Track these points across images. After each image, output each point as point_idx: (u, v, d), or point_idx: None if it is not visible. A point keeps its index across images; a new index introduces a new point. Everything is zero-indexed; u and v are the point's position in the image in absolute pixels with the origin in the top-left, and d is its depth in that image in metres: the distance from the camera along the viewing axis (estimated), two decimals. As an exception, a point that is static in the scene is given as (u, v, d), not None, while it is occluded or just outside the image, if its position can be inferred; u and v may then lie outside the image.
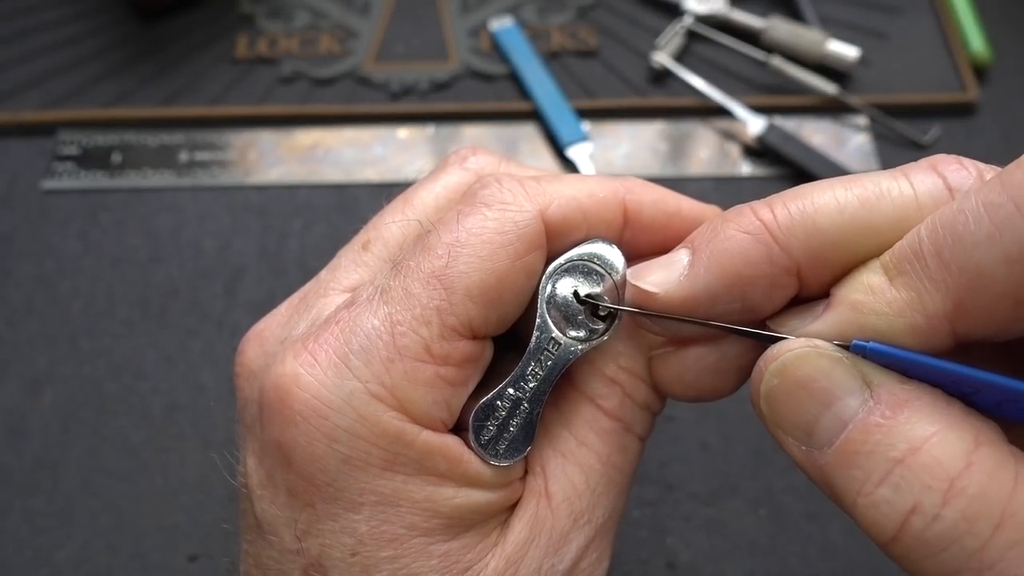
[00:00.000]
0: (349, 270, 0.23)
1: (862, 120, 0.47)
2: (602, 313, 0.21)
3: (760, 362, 0.18)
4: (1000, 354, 0.18)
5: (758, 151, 0.46)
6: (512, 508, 0.21)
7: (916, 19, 0.51)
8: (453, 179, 0.24)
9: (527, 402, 0.21)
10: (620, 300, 0.21)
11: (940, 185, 0.18)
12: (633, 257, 0.22)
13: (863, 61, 0.48)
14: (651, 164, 0.46)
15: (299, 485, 0.20)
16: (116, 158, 0.46)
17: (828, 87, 0.46)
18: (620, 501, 0.22)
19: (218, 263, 0.43)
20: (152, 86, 0.48)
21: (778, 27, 0.48)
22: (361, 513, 0.19)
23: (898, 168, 0.19)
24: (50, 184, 0.45)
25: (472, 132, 0.47)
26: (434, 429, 0.20)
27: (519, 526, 0.21)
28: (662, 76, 0.48)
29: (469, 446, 0.21)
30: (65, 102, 0.48)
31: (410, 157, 0.46)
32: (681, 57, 0.49)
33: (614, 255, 0.21)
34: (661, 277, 0.20)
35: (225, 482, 0.36)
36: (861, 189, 0.18)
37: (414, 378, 0.20)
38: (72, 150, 0.46)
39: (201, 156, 0.46)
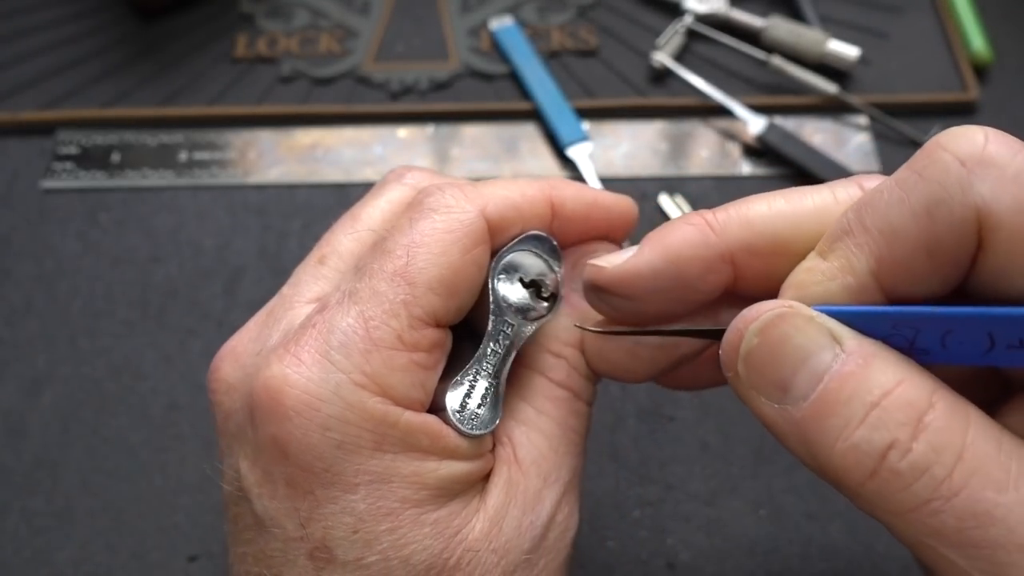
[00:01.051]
0: (310, 284, 0.25)
1: (862, 120, 0.47)
2: (544, 295, 0.24)
3: (737, 325, 0.19)
4: None
5: (758, 151, 0.46)
6: (487, 478, 0.24)
7: (917, 19, 0.51)
8: (395, 195, 0.26)
9: (492, 378, 0.23)
10: (559, 282, 0.24)
11: (857, 190, 0.21)
12: (563, 245, 0.25)
13: (863, 61, 0.48)
14: (651, 164, 0.46)
15: (297, 475, 0.21)
16: (115, 158, 0.46)
17: (828, 87, 0.46)
18: (579, 461, 0.25)
19: (218, 263, 0.43)
20: (151, 86, 0.48)
21: (778, 26, 0.48)
22: (358, 493, 0.21)
23: (825, 184, 0.22)
24: (49, 184, 0.45)
25: (472, 132, 0.47)
26: (414, 410, 0.22)
27: (496, 491, 0.23)
28: (662, 76, 0.48)
29: (447, 422, 0.23)
30: (64, 102, 0.47)
31: (410, 156, 0.46)
32: (681, 57, 0.49)
33: (548, 243, 0.25)
34: (612, 258, 0.22)
35: (225, 482, 0.36)
36: (789, 193, 0.21)
37: (391, 365, 0.22)
38: (71, 150, 0.46)
39: (200, 156, 0.46)
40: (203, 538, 0.35)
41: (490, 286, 0.23)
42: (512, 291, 0.24)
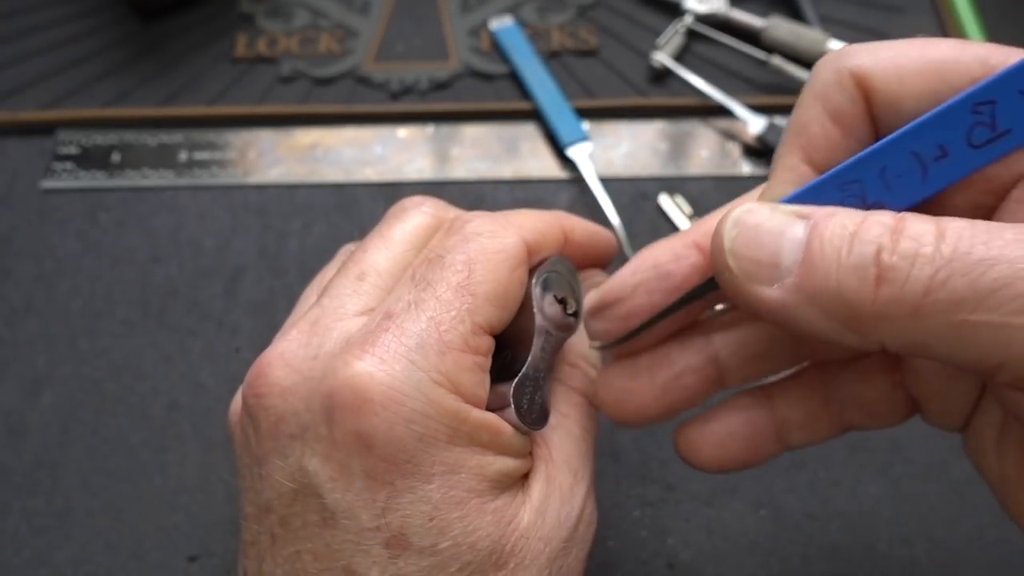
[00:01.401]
0: (352, 298, 0.26)
1: (862, 120, 0.47)
2: (570, 311, 0.27)
3: (714, 232, 0.21)
4: None
5: (759, 150, 0.46)
6: (526, 476, 0.26)
7: (917, 19, 0.51)
8: (419, 220, 0.28)
9: (542, 380, 0.26)
10: (579, 298, 0.27)
11: None
12: (575, 266, 0.29)
13: (863, 61, 0.48)
14: (651, 164, 0.46)
15: (379, 467, 0.23)
16: (115, 158, 0.46)
17: (828, 87, 0.46)
18: (594, 460, 0.28)
19: (218, 263, 0.43)
20: (151, 86, 0.48)
21: (778, 26, 0.48)
22: (433, 483, 0.23)
23: None
24: (49, 184, 0.45)
25: (472, 131, 0.47)
26: (478, 408, 0.24)
27: (537, 486, 0.25)
28: (662, 75, 0.48)
29: (507, 419, 0.25)
30: (64, 102, 0.47)
31: (410, 156, 0.46)
32: (681, 56, 0.49)
33: (570, 266, 0.28)
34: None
35: (226, 483, 0.36)
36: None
37: (461, 366, 0.24)
38: (71, 150, 0.46)
39: (200, 156, 0.46)
40: (203, 538, 0.35)
41: (533, 299, 0.26)
42: (548, 305, 0.26)
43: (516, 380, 0.25)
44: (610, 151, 0.46)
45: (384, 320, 0.24)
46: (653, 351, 0.26)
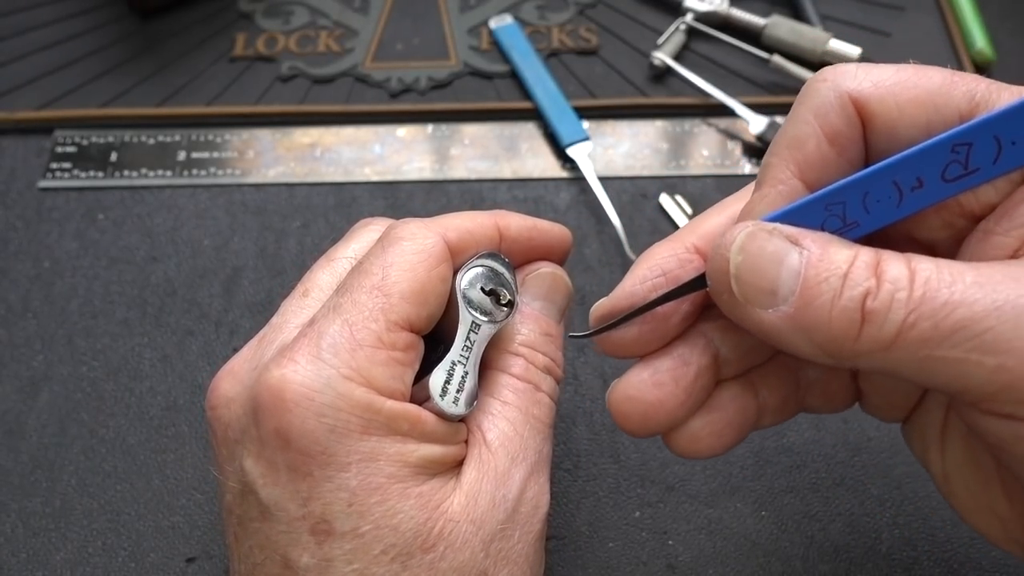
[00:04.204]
0: (297, 313, 0.28)
1: (864, 119, 0.47)
2: (502, 302, 0.28)
3: (717, 253, 0.22)
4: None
5: (760, 149, 0.46)
6: (461, 464, 0.27)
7: (919, 18, 0.51)
8: (366, 237, 0.30)
9: (467, 366, 0.27)
10: (514, 290, 0.28)
11: None
12: (513, 265, 0.30)
13: (865, 60, 0.48)
14: (652, 163, 0.46)
15: (298, 460, 0.24)
16: (113, 157, 0.46)
17: (830, 86, 0.46)
18: (546, 445, 0.29)
19: (216, 263, 0.42)
20: (150, 85, 0.48)
21: (779, 25, 0.48)
22: (350, 471, 0.24)
23: None
24: (47, 183, 0.45)
25: (471, 131, 0.47)
26: (395, 399, 0.25)
27: (469, 470, 0.27)
28: (663, 74, 0.48)
29: (430, 408, 0.26)
30: (62, 101, 0.47)
31: (409, 156, 0.46)
32: (682, 55, 0.49)
33: (501, 260, 0.29)
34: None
35: (223, 483, 0.36)
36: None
37: (373, 360, 0.25)
38: (69, 149, 0.46)
39: (199, 155, 0.46)
40: (201, 539, 0.35)
41: (457, 292, 0.27)
42: (476, 297, 0.28)
43: (436, 369, 0.26)
44: (610, 150, 0.46)
45: (306, 327, 0.26)
46: (669, 356, 0.26)
